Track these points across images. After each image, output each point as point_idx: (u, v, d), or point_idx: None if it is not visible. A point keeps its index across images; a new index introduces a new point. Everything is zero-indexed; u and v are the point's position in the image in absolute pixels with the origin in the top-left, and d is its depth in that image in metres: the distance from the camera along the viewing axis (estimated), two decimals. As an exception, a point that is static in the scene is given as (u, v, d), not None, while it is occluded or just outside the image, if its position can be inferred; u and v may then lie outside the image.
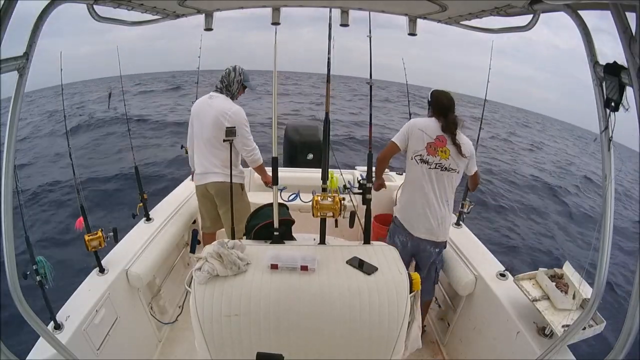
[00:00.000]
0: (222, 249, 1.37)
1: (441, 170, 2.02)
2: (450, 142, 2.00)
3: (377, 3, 1.70)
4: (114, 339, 1.80)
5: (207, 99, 2.47)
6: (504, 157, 11.83)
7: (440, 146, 2.01)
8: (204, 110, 2.44)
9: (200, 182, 2.55)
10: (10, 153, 1.05)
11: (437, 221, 2.06)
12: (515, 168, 10.42)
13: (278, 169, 1.69)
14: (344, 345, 1.36)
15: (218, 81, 2.47)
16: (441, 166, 2.02)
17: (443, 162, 2.02)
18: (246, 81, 2.50)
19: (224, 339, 1.33)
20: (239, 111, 2.39)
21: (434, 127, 2.03)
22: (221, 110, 2.36)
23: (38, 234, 4.66)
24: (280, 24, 1.72)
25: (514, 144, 15.10)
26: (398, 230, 2.16)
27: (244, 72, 2.48)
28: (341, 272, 1.40)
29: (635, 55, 0.84)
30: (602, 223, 1.08)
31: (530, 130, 24.96)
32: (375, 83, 2.17)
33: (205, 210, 2.69)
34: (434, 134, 2.02)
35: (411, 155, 2.05)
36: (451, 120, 2.02)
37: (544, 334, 1.61)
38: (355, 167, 3.66)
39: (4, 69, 0.98)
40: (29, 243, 1.54)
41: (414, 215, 2.09)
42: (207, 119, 2.39)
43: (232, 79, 2.44)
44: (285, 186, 2.08)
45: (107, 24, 1.43)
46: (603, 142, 1.06)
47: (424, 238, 2.09)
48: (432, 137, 2.02)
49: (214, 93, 2.46)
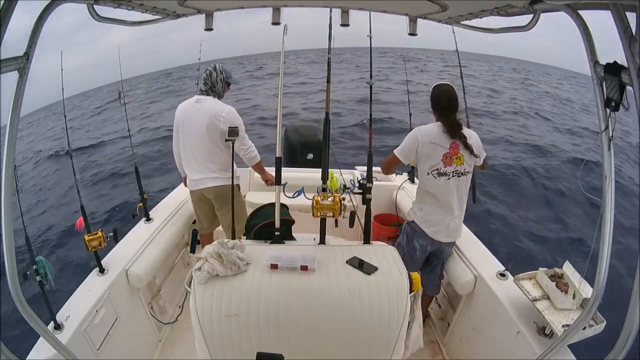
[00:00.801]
0: (222, 249, 1.37)
1: (458, 177, 2.00)
2: (463, 147, 1.96)
3: (377, 3, 1.70)
4: (114, 339, 1.80)
5: (193, 102, 2.38)
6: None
7: (455, 153, 1.97)
8: (192, 115, 2.36)
9: (196, 188, 2.50)
10: (11, 153, 1.05)
11: (455, 224, 2.08)
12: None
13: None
14: (344, 345, 1.36)
15: (201, 84, 2.41)
16: (458, 173, 1.99)
17: (459, 169, 1.98)
18: (229, 78, 2.45)
19: (223, 339, 1.33)
20: (232, 110, 2.35)
21: (444, 135, 1.97)
22: (214, 112, 2.30)
23: (38, 233, 4.68)
24: (281, 24, 1.72)
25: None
26: (417, 234, 2.13)
27: (225, 70, 2.44)
28: (341, 272, 1.40)
29: (635, 55, 0.84)
30: (602, 223, 1.08)
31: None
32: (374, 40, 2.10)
33: (202, 212, 2.66)
34: (446, 143, 1.96)
35: (427, 170, 2.00)
36: (453, 124, 1.96)
37: (544, 333, 1.61)
38: (355, 167, 3.66)
39: (4, 69, 0.98)
40: (29, 243, 1.54)
41: (436, 224, 2.08)
42: (199, 123, 2.31)
43: (214, 78, 2.38)
44: (286, 181, 2.08)
45: (105, 24, 1.43)
46: (603, 141, 1.06)
47: (445, 241, 2.12)
48: (446, 147, 1.96)
49: (200, 96, 2.38)
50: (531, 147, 8.47)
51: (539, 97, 17.38)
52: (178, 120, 2.44)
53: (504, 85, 21.52)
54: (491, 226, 4.94)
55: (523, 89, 20.35)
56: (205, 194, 2.51)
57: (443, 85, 2.05)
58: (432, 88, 2.05)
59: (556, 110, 13.87)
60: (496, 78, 26.03)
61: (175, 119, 2.46)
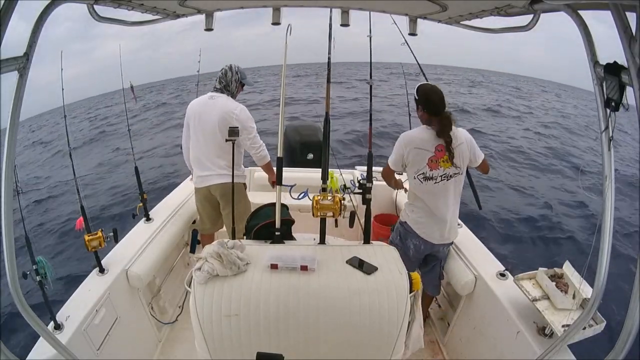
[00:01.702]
0: (222, 249, 1.37)
1: (447, 180, 1.96)
2: (446, 149, 1.91)
3: (377, 3, 1.70)
4: (114, 339, 1.80)
5: (207, 99, 2.43)
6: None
7: (441, 156, 1.92)
8: (206, 110, 2.39)
9: (202, 185, 2.50)
10: (11, 153, 1.05)
11: (448, 226, 2.06)
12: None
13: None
14: (344, 345, 1.36)
15: (216, 82, 2.46)
16: (446, 176, 1.95)
17: (447, 172, 1.94)
18: (244, 79, 2.50)
19: (223, 339, 1.33)
20: (245, 110, 2.40)
21: (429, 138, 1.92)
22: (228, 109, 2.34)
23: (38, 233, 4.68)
24: (281, 24, 1.72)
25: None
26: (410, 235, 2.12)
27: (240, 70, 2.48)
28: (341, 272, 1.40)
29: (635, 55, 0.83)
30: (602, 223, 1.08)
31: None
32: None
33: (206, 212, 2.66)
34: (432, 147, 1.91)
35: (413, 174, 1.97)
36: (446, 121, 1.90)
37: (544, 333, 1.60)
38: (355, 167, 3.66)
39: (4, 69, 0.98)
40: (29, 243, 1.54)
41: (427, 227, 2.06)
42: (212, 119, 2.35)
43: (229, 78, 2.43)
44: (294, 183, 2.09)
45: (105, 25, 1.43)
46: (603, 142, 1.06)
47: (438, 243, 2.10)
48: (431, 151, 1.92)
49: (214, 93, 2.43)
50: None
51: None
52: (190, 116, 2.47)
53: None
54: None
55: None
56: (212, 191, 2.50)
57: (428, 84, 2.02)
58: (416, 88, 2.00)
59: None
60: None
61: (187, 114, 2.48)
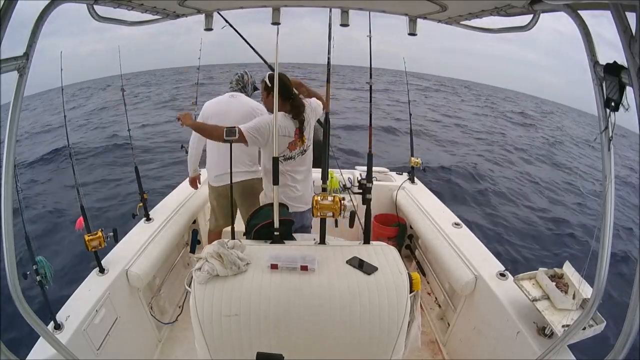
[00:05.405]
0: (222, 249, 1.37)
1: (303, 155, 2.09)
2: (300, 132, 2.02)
3: (377, 3, 1.70)
4: (114, 339, 1.80)
5: (228, 97, 2.51)
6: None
7: (299, 139, 2.04)
8: (229, 107, 2.44)
9: (221, 183, 2.52)
10: (11, 153, 1.05)
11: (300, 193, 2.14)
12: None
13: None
14: (344, 345, 1.36)
15: (233, 83, 2.59)
16: (304, 151, 2.08)
17: (303, 147, 2.07)
18: (255, 83, 2.63)
19: (224, 339, 1.33)
20: (265, 109, 2.45)
21: (290, 124, 2.01)
22: (253, 105, 2.47)
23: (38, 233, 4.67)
24: (281, 23, 1.72)
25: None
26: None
27: (253, 76, 2.65)
28: (341, 272, 1.40)
29: (635, 55, 0.83)
30: (602, 223, 1.08)
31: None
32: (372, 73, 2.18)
33: (220, 208, 2.68)
34: (292, 132, 2.01)
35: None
36: (298, 104, 2.00)
37: (544, 334, 1.61)
38: (355, 167, 3.66)
39: (4, 69, 0.98)
40: (29, 243, 1.54)
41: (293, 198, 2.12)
42: (237, 116, 2.36)
43: (246, 81, 2.60)
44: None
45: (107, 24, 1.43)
46: (603, 142, 1.06)
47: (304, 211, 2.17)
48: (292, 136, 2.01)
49: (235, 92, 2.54)
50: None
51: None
52: (208, 116, 2.46)
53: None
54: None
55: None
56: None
57: (272, 73, 2.03)
58: (267, 76, 2.05)
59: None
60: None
61: (205, 114, 2.49)
